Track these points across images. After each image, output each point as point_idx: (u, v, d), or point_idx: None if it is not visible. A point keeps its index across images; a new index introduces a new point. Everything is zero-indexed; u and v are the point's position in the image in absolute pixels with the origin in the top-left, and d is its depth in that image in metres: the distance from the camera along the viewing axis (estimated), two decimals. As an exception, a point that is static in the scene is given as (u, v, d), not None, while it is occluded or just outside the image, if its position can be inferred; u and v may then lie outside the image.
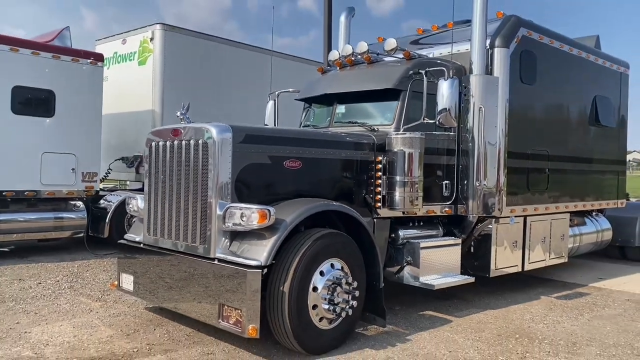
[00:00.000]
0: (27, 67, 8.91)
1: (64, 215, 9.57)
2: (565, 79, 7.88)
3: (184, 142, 5.09)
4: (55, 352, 4.73)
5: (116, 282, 5.88)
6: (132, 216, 10.14)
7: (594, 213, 9.35)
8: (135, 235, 5.78)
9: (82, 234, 9.82)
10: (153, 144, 5.46)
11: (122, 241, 5.89)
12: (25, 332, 5.23)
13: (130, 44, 11.14)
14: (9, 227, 8.86)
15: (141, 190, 9.10)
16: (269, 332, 4.73)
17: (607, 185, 9.11)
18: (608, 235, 9.47)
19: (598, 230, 9.22)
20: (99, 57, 9.85)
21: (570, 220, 8.34)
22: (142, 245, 5.53)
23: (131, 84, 10.87)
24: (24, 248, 9.94)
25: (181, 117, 5.43)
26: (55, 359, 4.58)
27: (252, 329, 4.34)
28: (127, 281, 5.68)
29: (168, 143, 5.25)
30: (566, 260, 8.16)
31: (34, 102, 9.01)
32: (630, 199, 11.94)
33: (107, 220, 9.88)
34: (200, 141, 4.91)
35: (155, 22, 10.59)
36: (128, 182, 11.66)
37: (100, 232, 9.97)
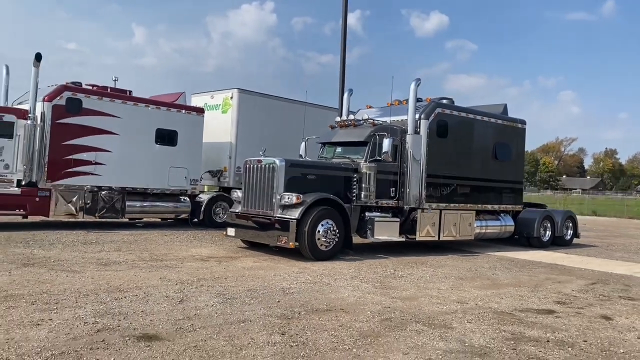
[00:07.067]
0: (164, 117, 15.38)
1: (178, 204, 15.93)
2: (470, 134, 13.80)
3: (263, 165, 11.28)
4: (205, 254, 10.88)
5: (224, 233, 12.10)
6: (216, 207, 16.45)
7: (502, 214, 15.09)
8: (235, 209, 12.01)
9: (185, 217, 16.17)
10: (247, 165, 11.67)
11: (230, 212, 12.15)
12: (187, 250, 11.42)
13: (216, 98, 17.54)
14: (151, 209, 15.28)
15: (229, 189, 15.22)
16: (299, 252, 10.80)
17: (506, 196, 14.86)
18: (510, 228, 15.14)
19: (502, 225, 14.94)
20: (202, 111, 16.32)
21: (479, 215, 14.16)
22: (240, 213, 11.73)
23: (217, 125, 17.18)
24: (148, 224, 16.34)
25: (262, 153, 11.61)
26: (207, 255, 10.73)
27: (292, 244, 10.46)
28: (231, 231, 11.88)
29: (255, 165, 11.45)
30: (472, 239, 13.99)
31: (166, 137, 15.47)
32: (547, 208, 17.59)
33: (202, 209, 16.23)
34: (271, 165, 11.10)
35: (234, 87, 16.97)
36: (218, 188, 17.84)
37: (197, 216, 16.31)
